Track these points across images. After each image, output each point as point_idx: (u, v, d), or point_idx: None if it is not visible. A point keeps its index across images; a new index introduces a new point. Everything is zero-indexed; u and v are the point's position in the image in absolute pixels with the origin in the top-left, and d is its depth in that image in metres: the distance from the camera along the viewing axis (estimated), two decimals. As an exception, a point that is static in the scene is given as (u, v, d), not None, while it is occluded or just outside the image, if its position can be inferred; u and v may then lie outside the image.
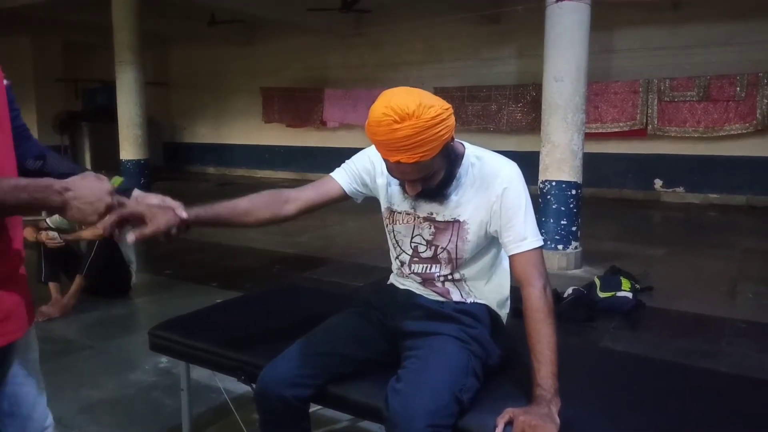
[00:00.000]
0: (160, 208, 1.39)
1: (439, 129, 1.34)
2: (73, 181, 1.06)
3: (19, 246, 1.14)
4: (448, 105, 1.39)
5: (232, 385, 2.24)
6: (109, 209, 1.11)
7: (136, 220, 1.33)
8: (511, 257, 1.51)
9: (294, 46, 11.79)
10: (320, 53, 11.66)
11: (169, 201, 1.42)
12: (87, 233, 3.62)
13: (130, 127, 8.17)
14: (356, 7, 8.65)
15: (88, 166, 11.75)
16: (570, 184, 4.77)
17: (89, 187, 1.07)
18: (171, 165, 13.77)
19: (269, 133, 12.53)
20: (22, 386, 1.18)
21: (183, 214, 1.41)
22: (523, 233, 1.48)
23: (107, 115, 10.34)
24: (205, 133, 13.80)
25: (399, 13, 9.65)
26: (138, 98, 8.12)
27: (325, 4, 8.60)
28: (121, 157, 8.30)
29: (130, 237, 1.32)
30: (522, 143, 8.92)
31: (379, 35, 10.62)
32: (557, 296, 3.77)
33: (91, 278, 3.74)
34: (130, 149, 8.22)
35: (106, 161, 10.35)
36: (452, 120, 1.39)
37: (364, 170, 1.68)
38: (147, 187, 8.41)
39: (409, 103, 1.31)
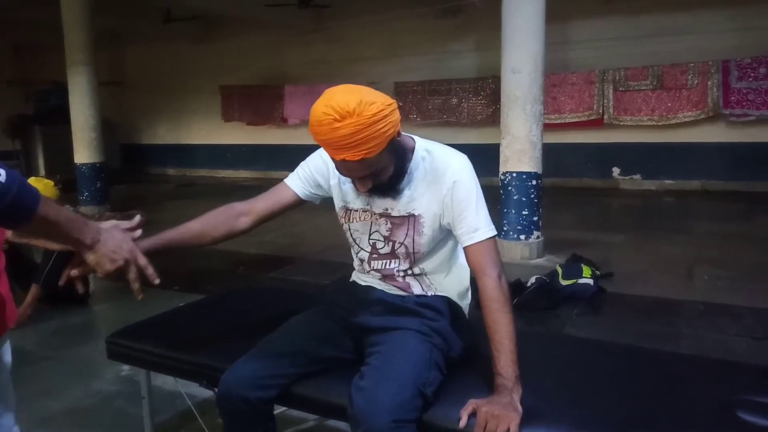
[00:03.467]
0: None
1: (382, 125, 1.34)
2: (103, 240, 1.19)
3: None
4: (391, 101, 1.38)
5: (196, 391, 2.20)
6: (124, 267, 1.27)
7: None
8: (465, 249, 1.52)
9: (253, 43, 11.63)
10: (279, 50, 11.53)
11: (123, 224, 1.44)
12: (56, 246, 3.48)
13: (84, 129, 7.92)
14: (315, 2, 8.59)
15: (42, 171, 11.41)
16: (530, 175, 4.82)
17: (112, 245, 1.21)
18: (129, 167, 13.44)
19: (230, 132, 12.34)
20: None
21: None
22: (475, 224, 1.49)
23: (60, 118, 10.01)
24: (164, 134, 13.52)
25: (358, 8, 9.61)
26: (91, 100, 7.88)
27: (283, 0, 8.51)
28: (75, 161, 8.06)
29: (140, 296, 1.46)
30: (483, 136, 8.99)
31: (339, 30, 10.56)
32: (521, 286, 3.81)
33: (48, 288, 3.62)
34: (84, 153, 7.98)
35: (61, 165, 10.03)
36: (396, 115, 1.38)
37: (318, 171, 1.66)
38: (104, 192, 8.23)
39: (349, 101, 1.31)
